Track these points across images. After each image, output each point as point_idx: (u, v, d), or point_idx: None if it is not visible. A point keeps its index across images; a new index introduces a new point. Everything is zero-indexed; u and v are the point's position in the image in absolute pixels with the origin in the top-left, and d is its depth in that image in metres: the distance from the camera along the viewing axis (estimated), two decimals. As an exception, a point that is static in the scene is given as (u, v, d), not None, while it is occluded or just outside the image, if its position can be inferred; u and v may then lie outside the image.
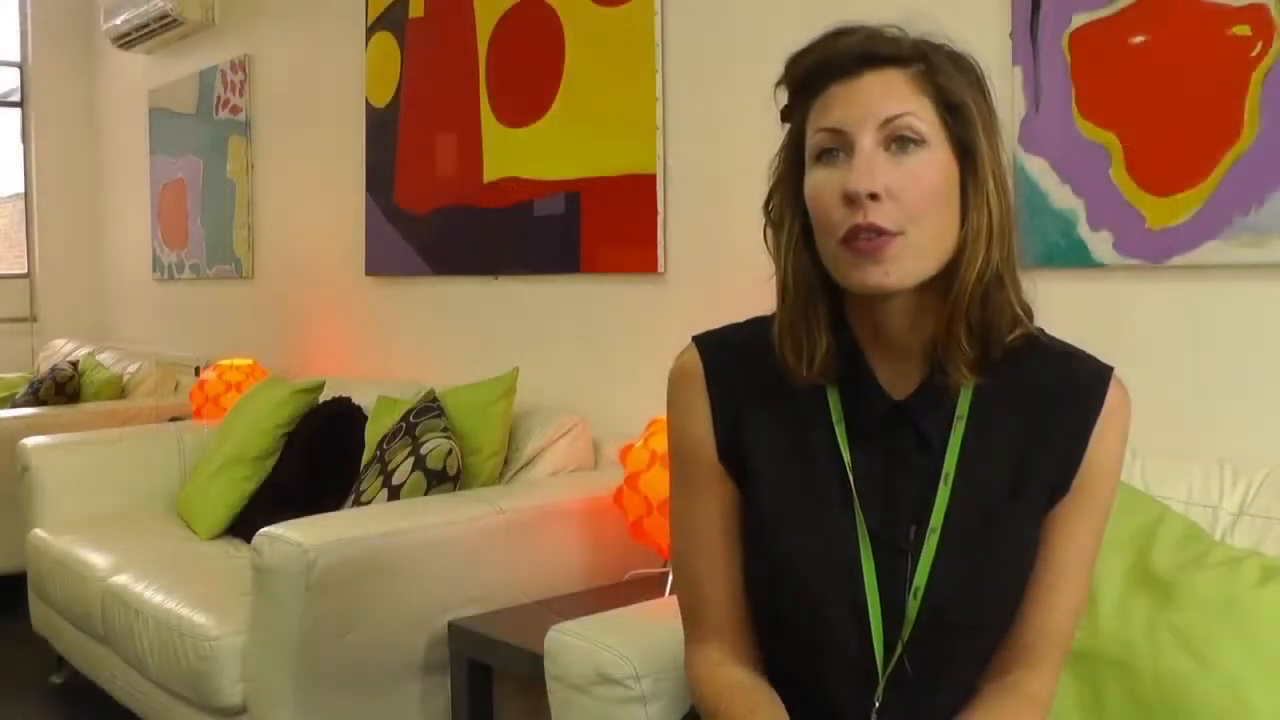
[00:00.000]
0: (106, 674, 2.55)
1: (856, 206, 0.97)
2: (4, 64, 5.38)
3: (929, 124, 0.99)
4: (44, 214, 5.36)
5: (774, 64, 1.07)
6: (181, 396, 4.04)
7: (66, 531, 2.82)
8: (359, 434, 2.74)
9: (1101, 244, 1.73)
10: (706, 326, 1.17)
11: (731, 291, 2.29)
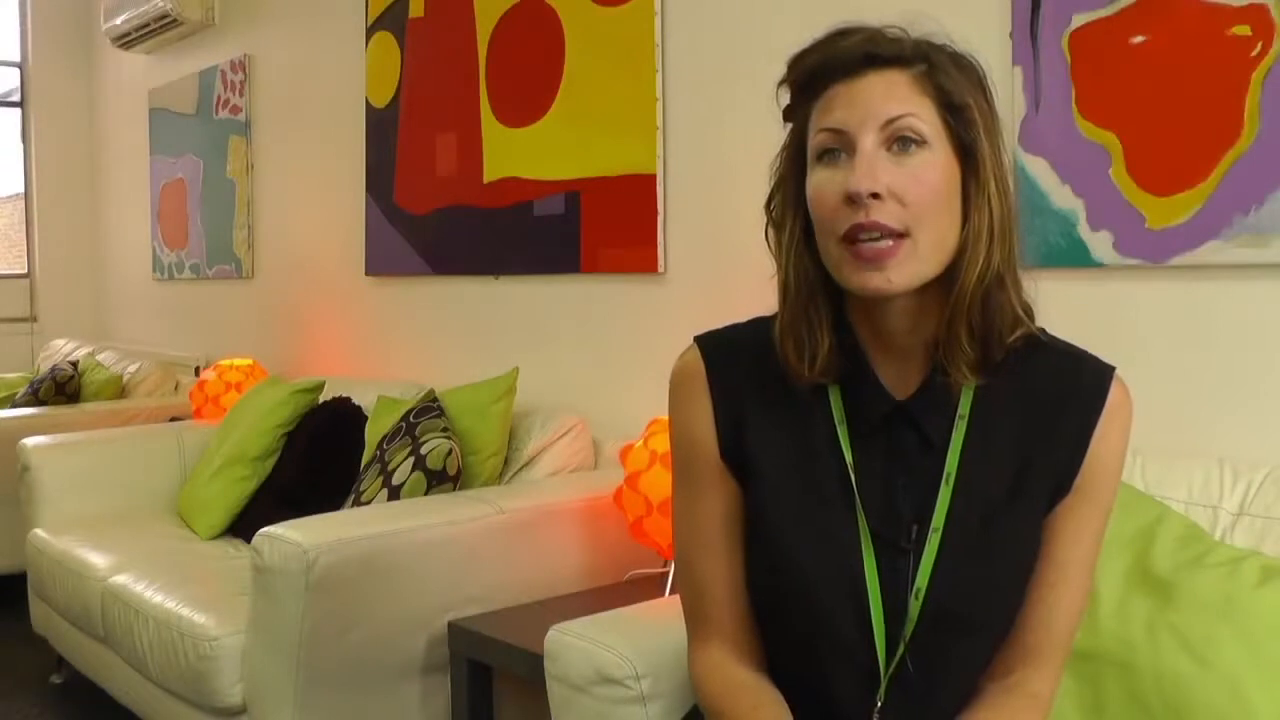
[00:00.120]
0: (106, 674, 2.55)
1: (858, 207, 0.97)
2: (4, 64, 5.38)
3: (930, 125, 0.99)
4: (44, 214, 5.36)
5: (774, 64, 1.07)
6: (181, 396, 4.04)
7: (66, 531, 2.82)
8: (359, 434, 2.74)
9: (1101, 244, 1.73)
10: (706, 326, 1.17)
11: (731, 291, 2.30)
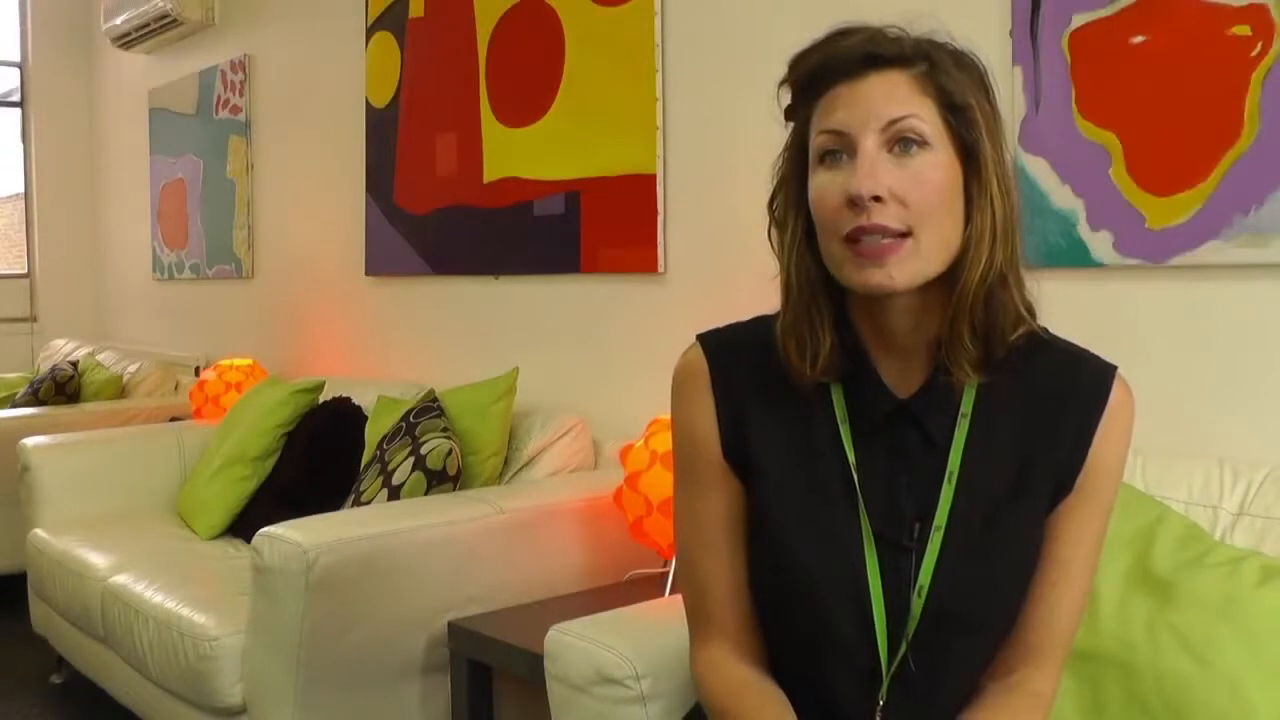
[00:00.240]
0: (106, 674, 2.55)
1: (860, 209, 0.97)
2: (4, 64, 5.38)
3: (932, 126, 0.99)
4: (44, 214, 5.36)
5: (774, 63, 1.07)
6: (181, 396, 4.04)
7: (66, 531, 2.82)
8: (359, 434, 2.74)
9: (1101, 244, 1.73)
10: (706, 326, 1.17)
11: (732, 291, 2.30)
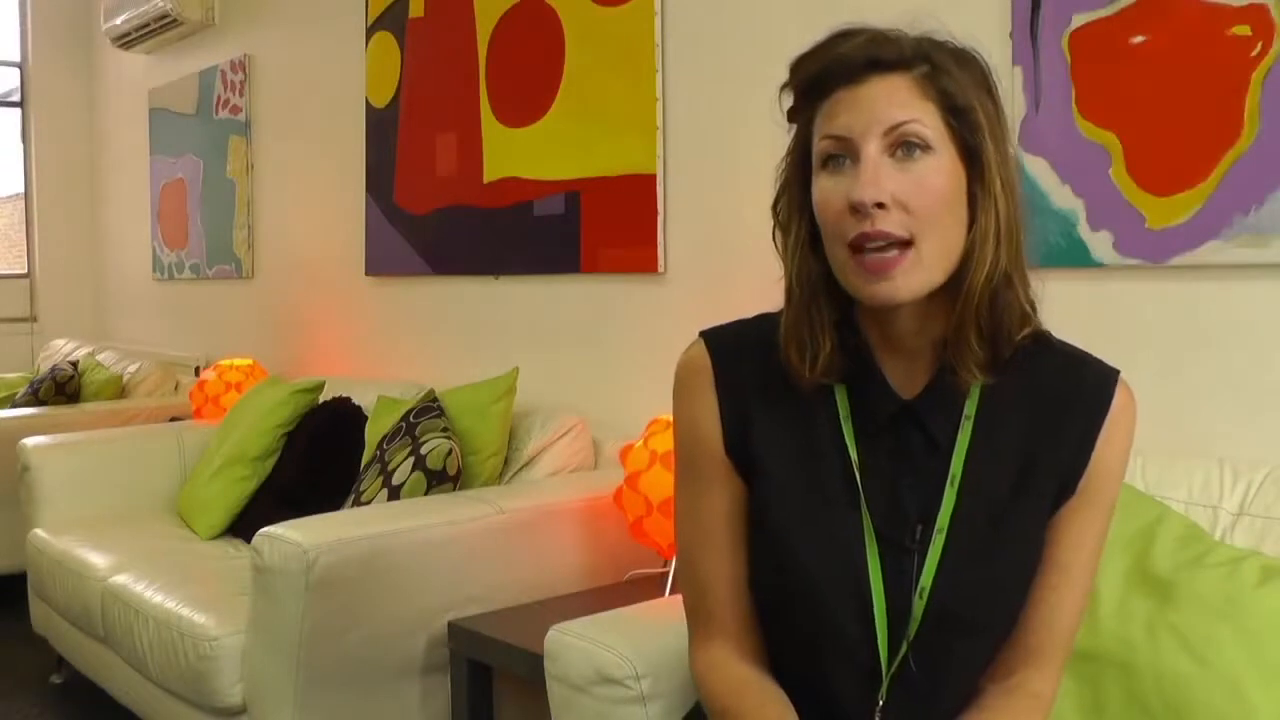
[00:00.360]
0: (106, 674, 2.55)
1: (863, 216, 0.97)
2: (4, 64, 5.38)
3: (934, 129, 0.98)
4: (44, 214, 5.36)
5: (774, 63, 1.07)
6: (181, 396, 4.04)
7: (66, 531, 2.82)
8: (359, 434, 2.74)
9: (1101, 244, 1.73)
10: (707, 326, 1.16)
11: (732, 291, 2.30)
